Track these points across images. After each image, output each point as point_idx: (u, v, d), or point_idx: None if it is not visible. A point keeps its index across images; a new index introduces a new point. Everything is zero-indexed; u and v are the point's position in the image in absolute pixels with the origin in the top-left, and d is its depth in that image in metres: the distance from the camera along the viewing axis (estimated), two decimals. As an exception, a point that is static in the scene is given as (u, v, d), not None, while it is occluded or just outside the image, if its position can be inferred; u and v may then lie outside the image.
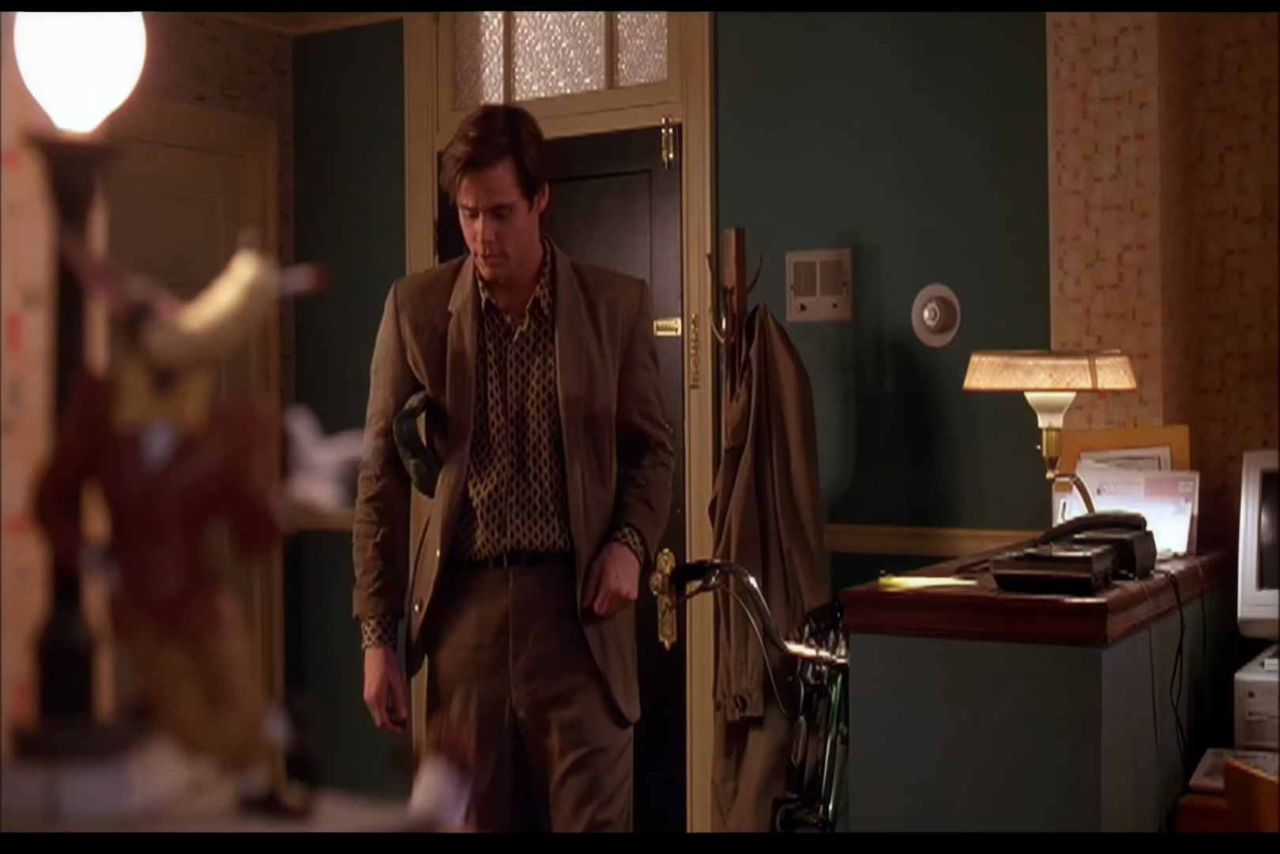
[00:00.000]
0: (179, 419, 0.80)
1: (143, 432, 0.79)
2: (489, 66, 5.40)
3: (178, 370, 0.79)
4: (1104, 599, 2.92)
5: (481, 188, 3.19)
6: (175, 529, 0.78)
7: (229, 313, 0.81)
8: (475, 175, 3.19)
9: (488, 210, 3.20)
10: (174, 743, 0.80)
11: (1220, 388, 4.15)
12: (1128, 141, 3.90)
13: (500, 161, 3.19)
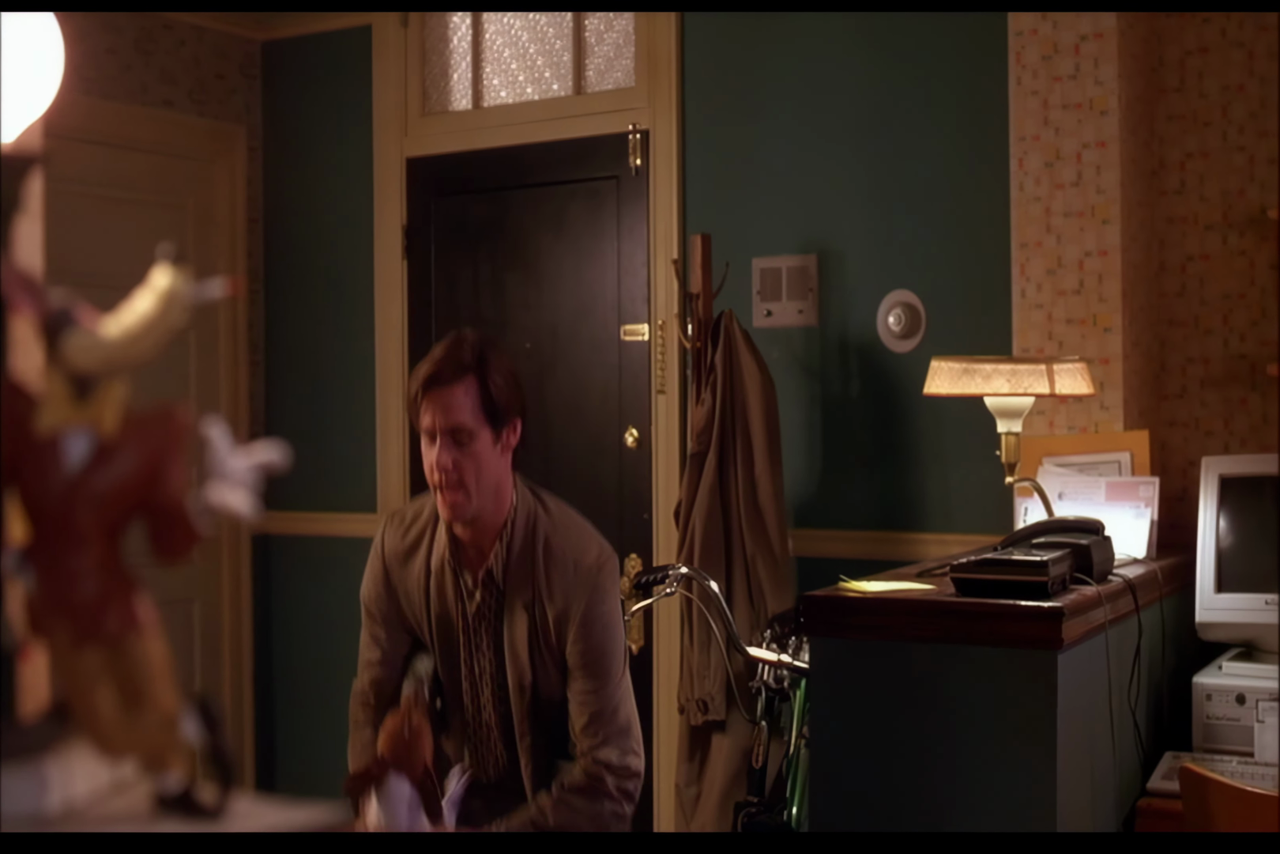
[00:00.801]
0: (98, 425, 0.81)
1: (62, 438, 0.80)
2: (457, 72, 5.41)
3: (96, 378, 0.81)
4: (1060, 603, 2.94)
5: (439, 407, 3.00)
6: (94, 534, 0.79)
7: (146, 321, 0.83)
8: (434, 393, 3.00)
9: (445, 433, 2.99)
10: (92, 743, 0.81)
11: (1181, 393, 4.18)
12: (1089, 148, 3.92)
13: (460, 381, 3.00)
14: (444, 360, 3.02)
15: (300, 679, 5.72)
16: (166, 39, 5.42)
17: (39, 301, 0.80)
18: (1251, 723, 3.47)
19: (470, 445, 2.99)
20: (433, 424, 3.00)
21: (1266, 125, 4.06)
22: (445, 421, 2.99)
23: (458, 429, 2.99)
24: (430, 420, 3.00)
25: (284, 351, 5.78)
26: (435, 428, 3.00)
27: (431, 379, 3.00)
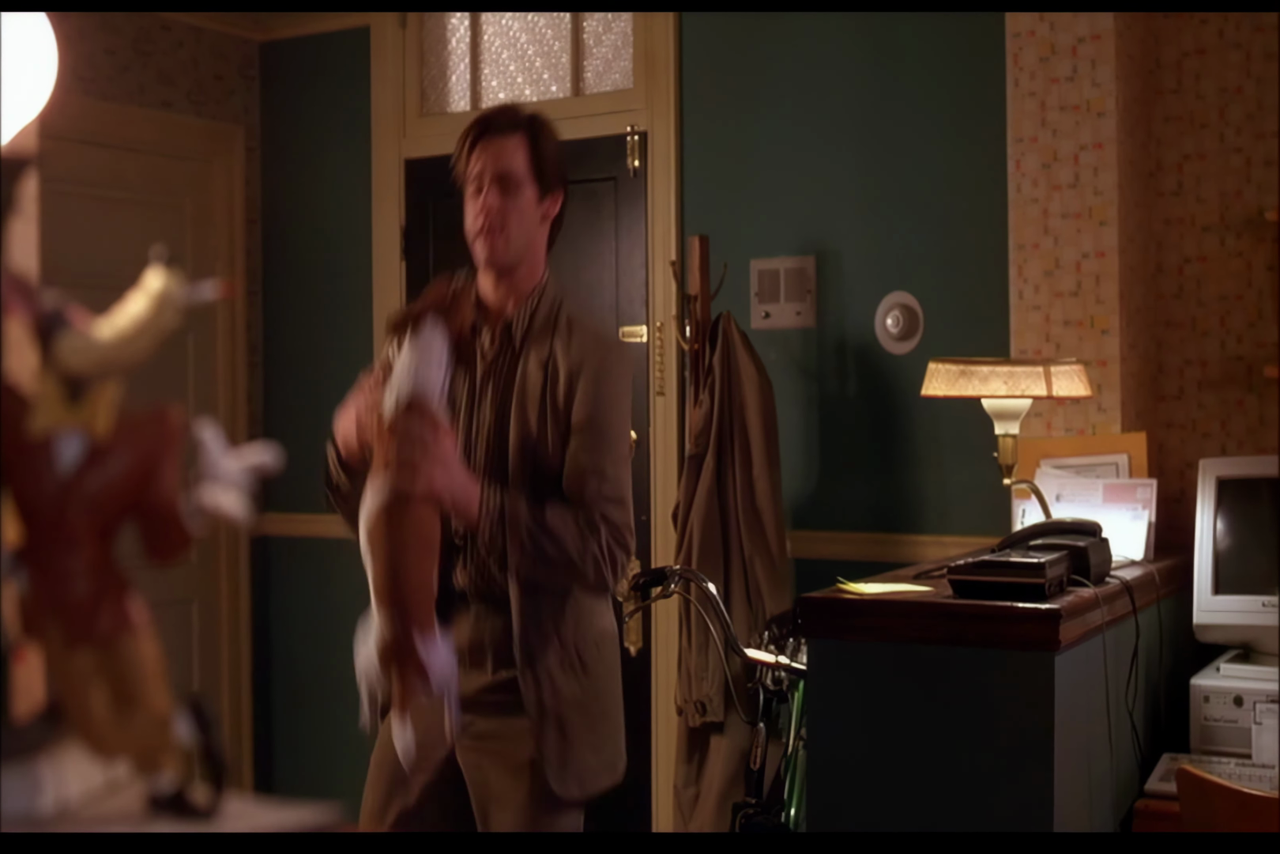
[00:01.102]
0: (90, 427, 0.81)
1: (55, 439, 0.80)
2: (455, 73, 5.41)
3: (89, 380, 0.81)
4: (1057, 605, 2.94)
5: (490, 154, 2.97)
6: (86, 535, 0.79)
7: (138, 324, 0.83)
8: (486, 141, 2.99)
9: (494, 178, 2.96)
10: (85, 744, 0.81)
11: (1179, 395, 4.18)
12: (1086, 150, 3.93)
13: (514, 134, 3.00)
14: (499, 112, 3.05)
15: (298, 681, 5.72)
16: (165, 40, 5.42)
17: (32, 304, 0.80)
18: (1249, 725, 3.47)
19: (516, 196, 2.98)
20: (483, 170, 2.97)
21: (1264, 127, 4.06)
22: (496, 167, 2.97)
23: (507, 176, 2.97)
24: (481, 166, 2.98)
25: (282, 352, 5.78)
26: (485, 173, 2.97)
27: (485, 126, 3.01)
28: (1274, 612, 3.56)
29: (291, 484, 5.78)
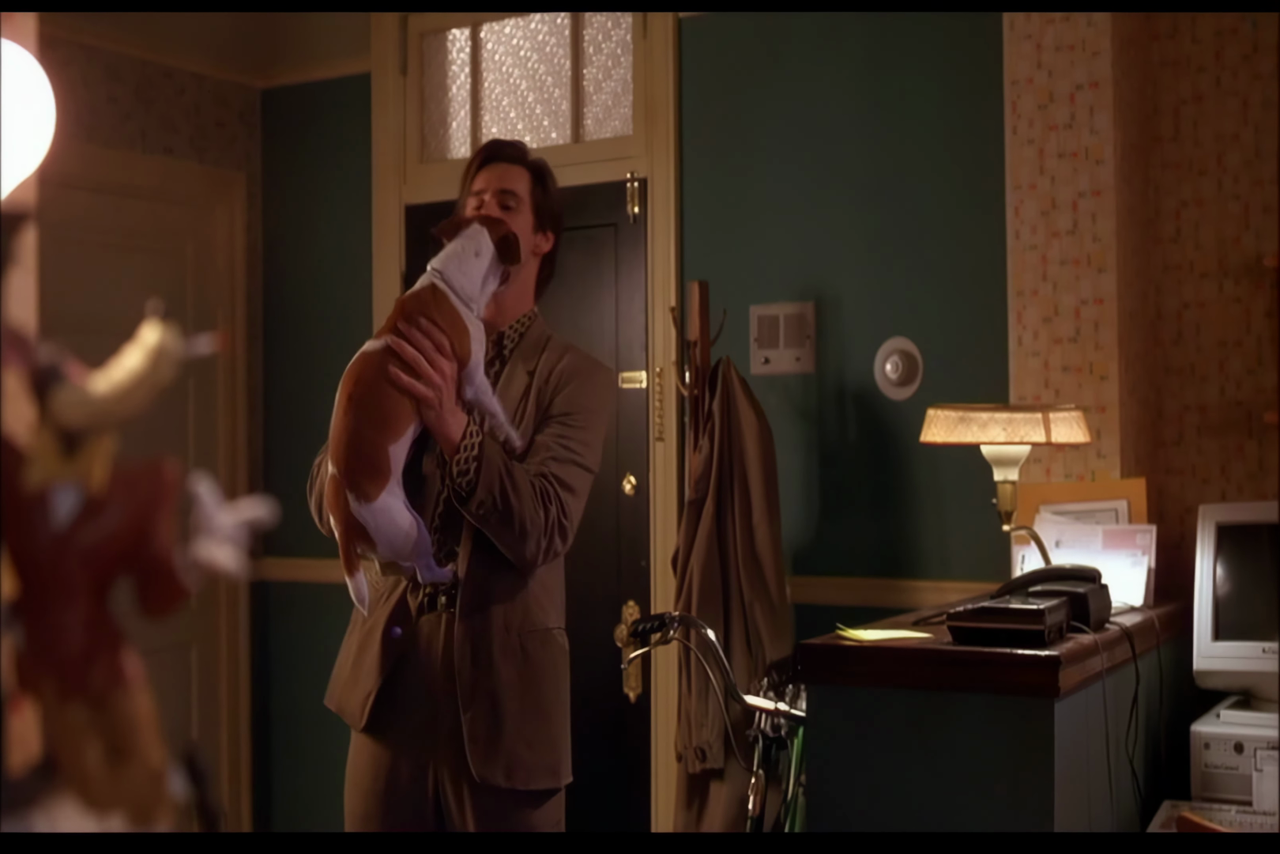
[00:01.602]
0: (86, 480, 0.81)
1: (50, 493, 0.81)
2: (456, 120, 5.44)
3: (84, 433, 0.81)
4: (1057, 652, 2.94)
5: (496, 174, 3.12)
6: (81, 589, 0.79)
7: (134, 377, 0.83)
8: (493, 165, 3.13)
9: (496, 193, 3.10)
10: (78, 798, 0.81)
11: (1178, 441, 4.18)
12: (1084, 197, 3.95)
13: (521, 164, 3.15)
14: (510, 143, 3.20)
15: (297, 726, 5.70)
16: (167, 87, 5.45)
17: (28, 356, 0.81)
18: (1250, 771, 3.46)
19: (514, 214, 3.09)
20: (485, 185, 3.10)
21: (1261, 174, 4.08)
22: (499, 184, 3.09)
23: (509, 192, 3.09)
24: (485, 183, 3.10)
25: (283, 397, 5.78)
26: (487, 188, 3.10)
27: (496, 150, 3.15)
28: (1274, 658, 3.56)
29: (291, 529, 5.78)
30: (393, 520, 2.89)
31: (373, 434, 2.92)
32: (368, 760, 3.16)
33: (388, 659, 3.10)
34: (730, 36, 4.84)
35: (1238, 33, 4.11)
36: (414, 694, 3.10)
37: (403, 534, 2.90)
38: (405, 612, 3.10)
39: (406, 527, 2.91)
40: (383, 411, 2.93)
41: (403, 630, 3.08)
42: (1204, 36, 4.14)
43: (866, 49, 4.57)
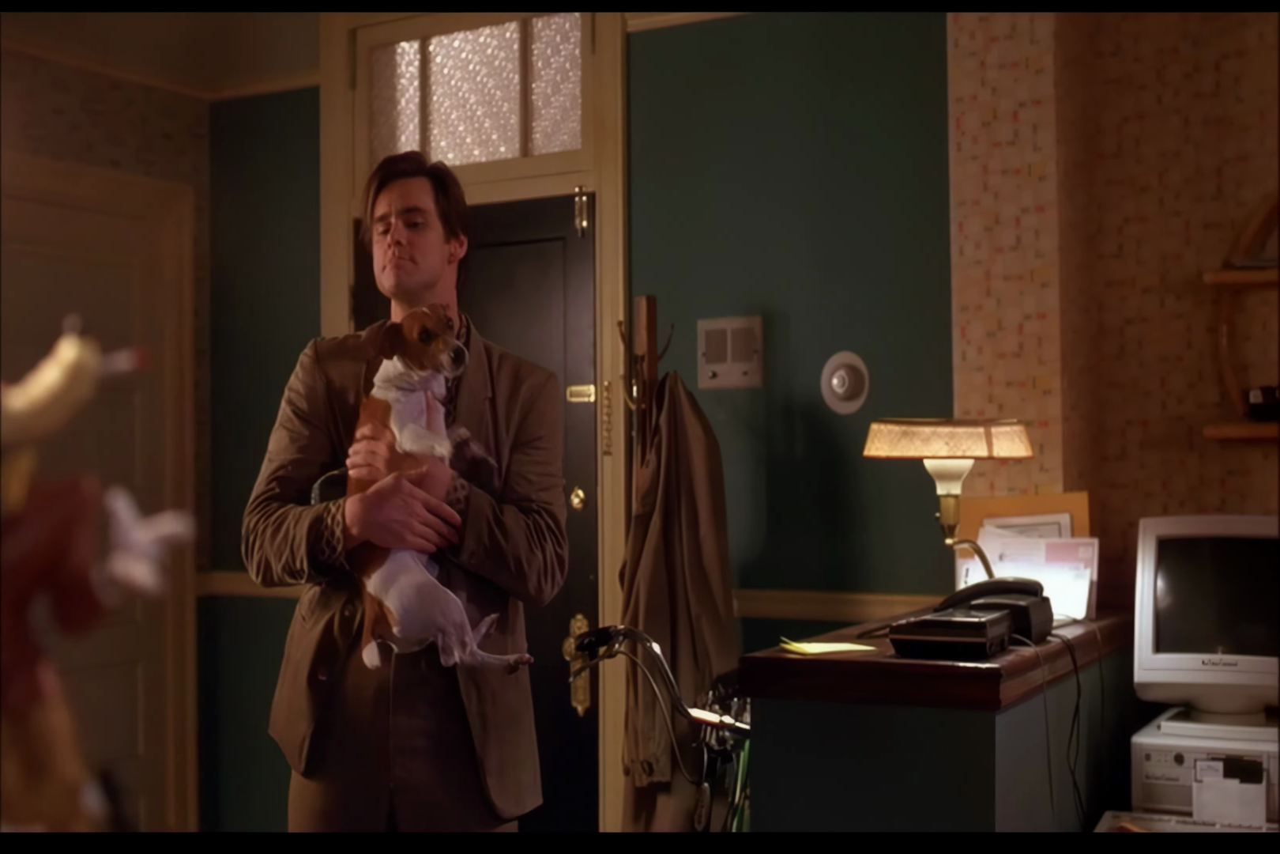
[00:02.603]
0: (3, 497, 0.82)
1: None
2: (405, 134, 5.45)
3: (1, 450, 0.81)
4: (997, 664, 2.95)
5: (395, 194, 3.03)
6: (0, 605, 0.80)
7: (52, 394, 0.83)
8: (393, 183, 3.04)
9: (400, 214, 3.01)
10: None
11: (1121, 455, 4.22)
12: (1028, 213, 3.98)
13: (418, 177, 3.06)
14: (402, 158, 3.11)
15: (245, 741, 5.67)
16: (114, 98, 5.44)
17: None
18: (1190, 782, 3.49)
19: (423, 231, 3.01)
20: (389, 208, 3.01)
21: (1202, 190, 4.12)
22: (402, 203, 3.01)
23: (414, 210, 3.01)
24: (386, 206, 3.02)
25: (230, 411, 5.76)
26: (390, 211, 3.01)
27: (390, 169, 3.06)
28: (1214, 670, 3.59)
29: (238, 542, 5.78)
30: (413, 600, 2.83)
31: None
32: (310, 806, 3.02)
33: (318, 700, 2.97)
34: (679, 52, 4.86)
35: (1179, 52, 4.15)
36: (361, 735, 2.95)
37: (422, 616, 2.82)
38: (331, 648, 2.96)
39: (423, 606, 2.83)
40: None
41: (330, 674, 2.95)
42: (1146, 55, 4.19)
43: (814, 65, 4.60)
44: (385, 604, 2.79)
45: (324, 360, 3.10)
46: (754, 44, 4.72)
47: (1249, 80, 4.08)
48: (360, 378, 3.03)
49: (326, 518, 2.83)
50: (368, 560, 2.85)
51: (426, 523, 2.85)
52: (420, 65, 5.42)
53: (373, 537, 2.81)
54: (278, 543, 2.88)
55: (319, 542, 2.83)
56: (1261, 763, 3.44)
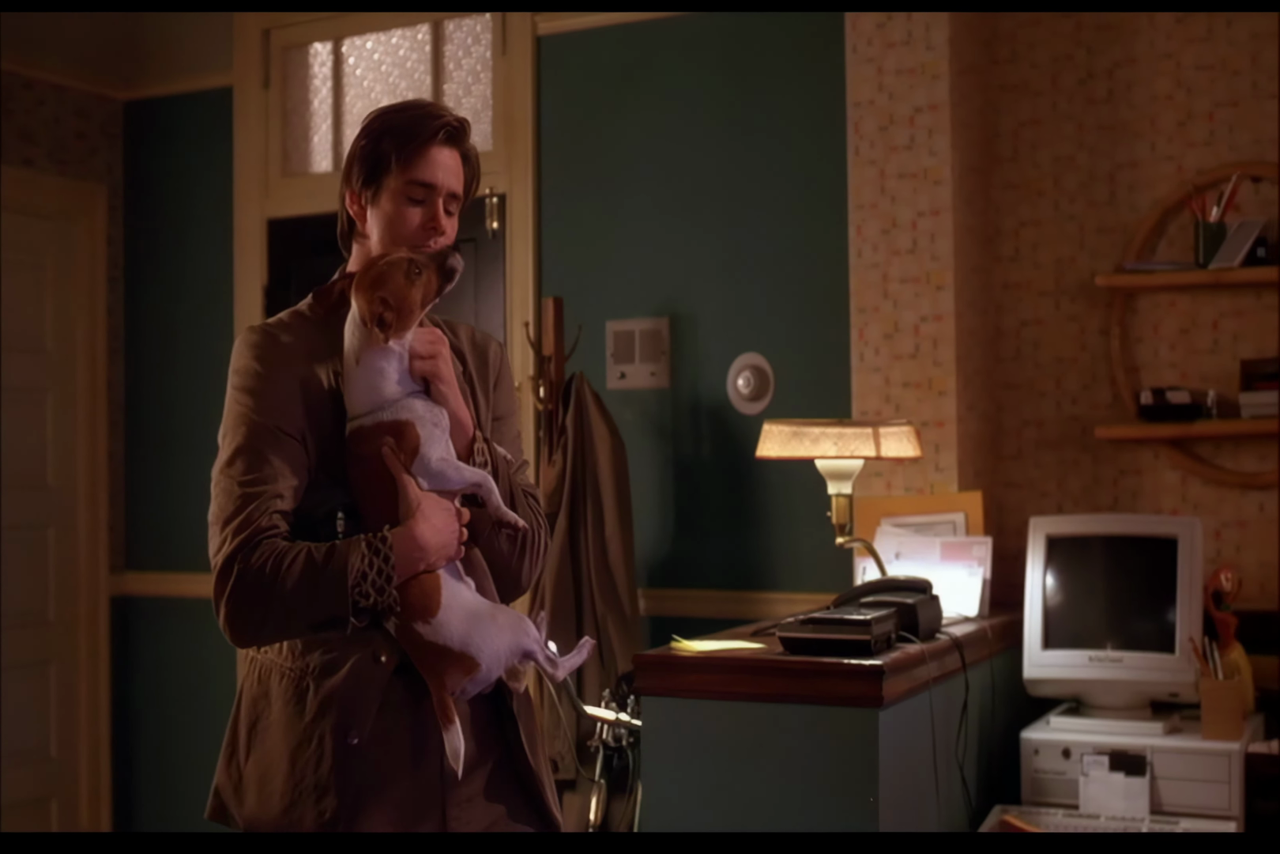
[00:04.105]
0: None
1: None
2: (318, 134, 5.46)
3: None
4: (880, 662, 3.00)
5: (446, 166, 2.47)
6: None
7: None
8: (450, 149, 2.48)
9: (447, 196, 2.49)
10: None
11: (1017, 454, 4.28)
12: (924, 217, 4.04)
13: (463, 150, 2.53)
14: (462, 122, 2.53)
15: (159, 742, 5.67)
16: (26, 98, 5.42)
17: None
18: (1077, 776, 3.55)
19: (451, 219, 2.54)
20: (440, 181, 2.46)
21: (1095, 195, 4.20)
22: (449, 183, 2.49)
23: (454, 198, 2.52)
24: (440, 175, 2.46)
25: (145, 411, 5.76)
26: (439, 184, 2.46)
27: (455, 131, 2.49)
28: (1101, 665, 3.66)
29: (152, 542, 5.79)
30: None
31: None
32: None
33: (347, 769, 2.35)
34: (589, 55, 4.90)
35: (1073, 59, 4.22)
36: (399, 795, 2.40)
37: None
38: (362, 705, 2.35)
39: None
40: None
41: (363, 735, 2.35)
42: (1041, 62, 4.25)
43: (722, 70, 4.64)
44: (459, 649, 2.29)
45: (285, 349, 2.44)
46: (663, 48, 4.76)
47: (1140, 87, 4.15)
48: (331, 377, 2.44)
49: (368, 552, 2.28)
50: (417, 599, 2.31)
51: (468, 520, 2.43)
52: (333, 66, 5.43)
53: (432, 563, 2.33)
54: (305, 589, 2.26)
55: (361, 583, 2.26)
56: (1145, 757, 3.51)
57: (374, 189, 2.48)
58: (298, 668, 2.39)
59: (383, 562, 2.27)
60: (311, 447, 2.39)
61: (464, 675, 2.30)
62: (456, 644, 2.29)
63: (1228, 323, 4.06)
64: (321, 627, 2.29)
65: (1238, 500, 4.04)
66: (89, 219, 5.69)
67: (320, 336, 2.46)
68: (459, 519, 2.38)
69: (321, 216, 5.39)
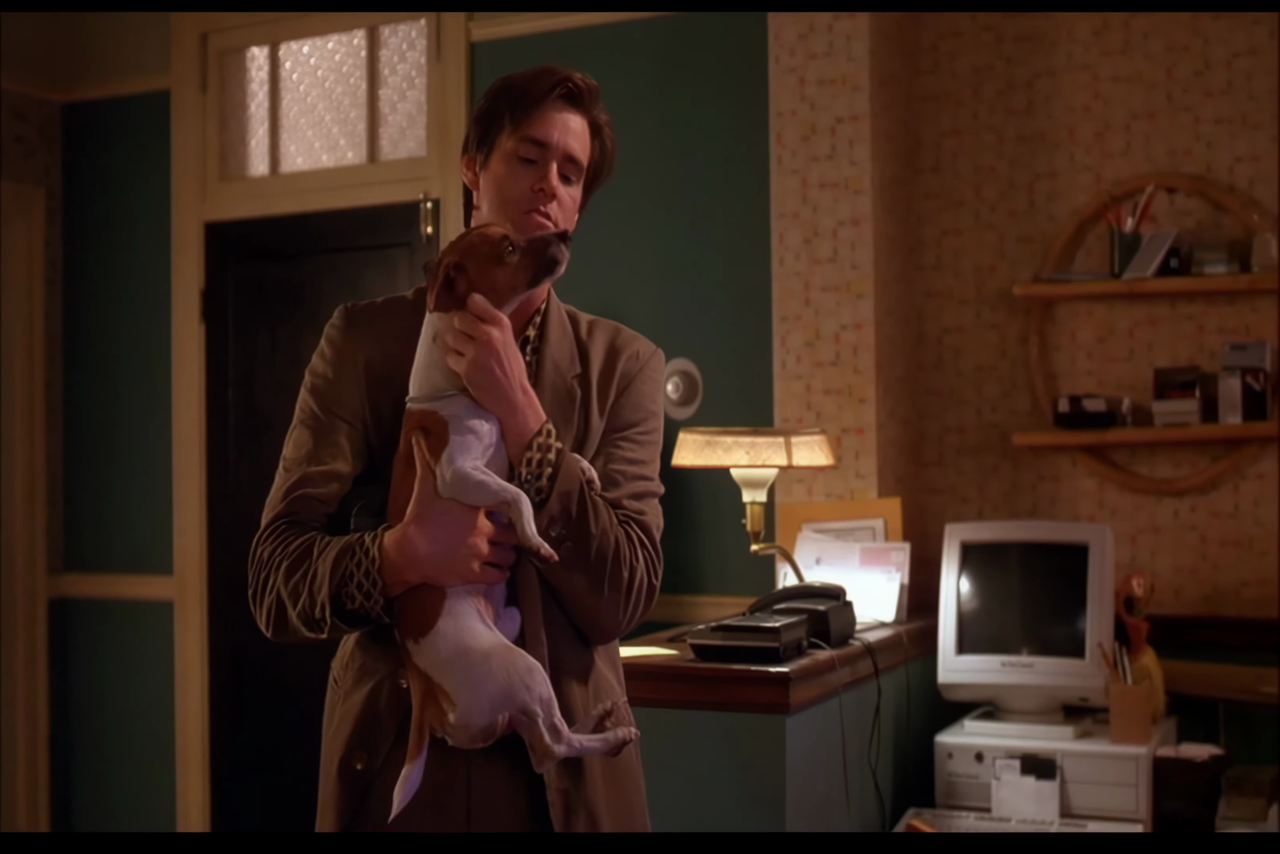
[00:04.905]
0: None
1: None
2: (255, 138, 5.47)
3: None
4: (787, 669, 3.05)
5: (567, 127, 2.27)
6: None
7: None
8: (571, 111, 2.28)
9: (564, 159, 2.25)
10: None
11: (939, 461, 4.34)
12: (844, 226, 4.08)
13: (590, 118, 2.32)
14: (588, 84, 2.32)
15: (99, 747, 5.68)
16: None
17: None
18: (989, 779, 3.61)
19: (570, 188, 2.28)
20: (557, 141, 2.24)
21: (1015, 205, 4.25)
22: (568, 145, 2.25)
23: (573, 160, 2.27)
24: (556, 135, 2.24)
25: (82, 412, 5.77)
26: (556, 145, 2.23)
27: (577, 91, 2.30)
28: (1013, 670, 3.71)
29: (91, 544, 5.81)
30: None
31: None
32: None
33: (349, 797, 2.14)
34: (522, 62, 4.86)
35: (994, 70, 4.27)
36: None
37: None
38: (374, 729, 2.13)
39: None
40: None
41: (370, 763, 2.12)
42: (962, 73, 4.31)
43: (652, 78, 4.67)
44: (438, 681, 2.00)
45: (359, 329, 2.26)
46: (595, 55, 4.79)
47: (1059, 99, 4.21)
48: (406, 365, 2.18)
49: (357, 550, 2.04)
50: (411, 613, 2.04)
51: (498, 538, 2.07)
52: (270, 70, 5.45)
53: (429, 575, 2.03)
54: (294, 582, 2.08)
55: (347, 583, 2.03)
56: (1055, 760, 3.57)
57: (487, 151, 2.26)
58: (339, 676, 2.23)
59: (370, 563, 2.02)
60: (372, 435, 2.18)
61: (439, 714, 1.99)
62: (436, 674, 2.00)
63: (1143, 331, 4.12)
64: (314, 626, 2.08)
65: (1153, 506, 4.10)
66: (26, 222, 5.70)
67: (410, 319, 2.21)
68: (480, 534, 2.03)
69: (260, 220, 5.43)
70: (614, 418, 2.28)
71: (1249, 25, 4.05)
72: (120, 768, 5.58)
